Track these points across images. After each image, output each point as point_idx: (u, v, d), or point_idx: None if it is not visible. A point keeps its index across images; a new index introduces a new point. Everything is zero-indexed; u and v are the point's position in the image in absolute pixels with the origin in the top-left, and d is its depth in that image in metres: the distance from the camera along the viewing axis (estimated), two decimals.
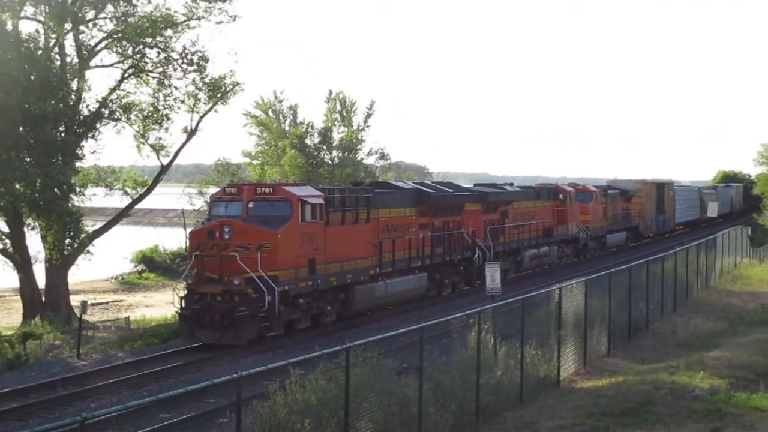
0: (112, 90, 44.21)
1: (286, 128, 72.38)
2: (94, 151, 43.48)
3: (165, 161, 46.49)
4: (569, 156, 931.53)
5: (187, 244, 39.62)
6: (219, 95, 45.49)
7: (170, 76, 44.66)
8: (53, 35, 42.63)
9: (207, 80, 44.93)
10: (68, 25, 42.60)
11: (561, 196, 60.77)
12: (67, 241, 41.72)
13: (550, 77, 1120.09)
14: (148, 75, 44.77)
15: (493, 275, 35.48)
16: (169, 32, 44.35)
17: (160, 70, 44.61)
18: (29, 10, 43.33)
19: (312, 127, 72.62)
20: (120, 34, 43.57)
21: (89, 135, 42.81)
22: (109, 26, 43.88)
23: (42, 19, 43.15)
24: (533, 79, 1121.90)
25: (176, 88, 44.86)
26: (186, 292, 32.97)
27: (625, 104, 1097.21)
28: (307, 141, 71.64)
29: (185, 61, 44.40)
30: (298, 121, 72.91)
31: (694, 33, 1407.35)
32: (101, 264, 55.28)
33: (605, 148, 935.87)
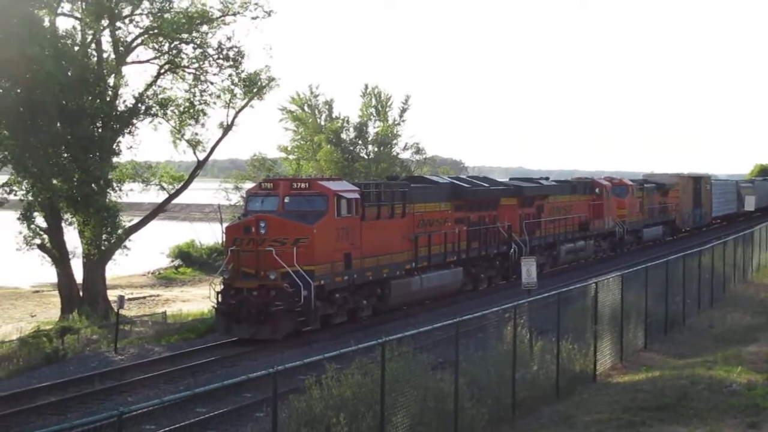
0: (149, 86, 44.51)
1: (322, 123, 72.51)
2: (131, 147, 43.96)
3: (201, 156, 46.82)
4: (605, 150, 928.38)
5: (223, 239, 39.71)
6: (255, 90, 45.70)
7: (206, 72, 44.98)
8: (90, 32, 42.95)
9: (243, 76, 45.15)
10: (105, 22, 42.95)
11: (597, 190, 60.40)
12: (104, 236, 42.02)
13: (584, 72, 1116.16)
14: (184, 71, 45.04)
15: (529, 270, 35.30)
16: (204, 28, 44.63)
17: (196, 65, 44.88)
18: (66, 6, 43.83)
19: (347, 121, 72.77)
20: (156, 30, 43.86)
21: (126, 131, 43.16)
22: (146, 22, 44.24)
23: (79, 15, 43.49)
24: (568, 74, 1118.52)
25: (212, 83, 45.22)
26: (222, 287, 33.03)
27: (661, 98, 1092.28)
28: (343, 136, 71.78)
29: (221, 56, 44.66)
30: (333, 115, 73.06)
31: (730, 22, 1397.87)
32: (138, 259, 55.67)
33: (641, 142, 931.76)
